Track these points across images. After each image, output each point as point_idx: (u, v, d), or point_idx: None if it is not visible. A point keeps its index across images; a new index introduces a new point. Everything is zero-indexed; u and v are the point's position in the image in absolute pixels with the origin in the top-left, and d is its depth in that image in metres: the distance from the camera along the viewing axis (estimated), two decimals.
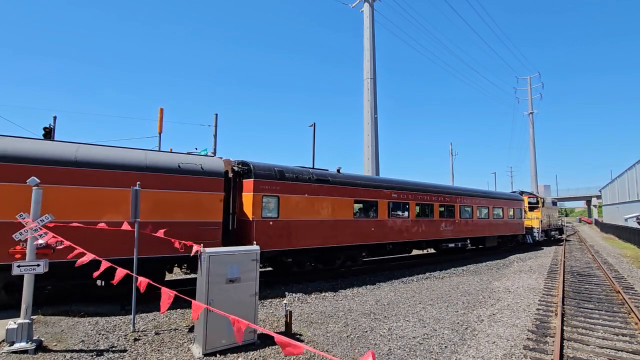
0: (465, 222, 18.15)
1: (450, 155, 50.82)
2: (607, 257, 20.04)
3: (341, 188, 12.34)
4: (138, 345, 5.89)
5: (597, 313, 8.61)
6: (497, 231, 20.90)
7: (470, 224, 18.58)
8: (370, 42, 23.68)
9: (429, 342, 6.42)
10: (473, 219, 18.72)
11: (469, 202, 18.54)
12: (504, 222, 21.77)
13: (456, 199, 17.61)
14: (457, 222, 17.52)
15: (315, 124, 24.81)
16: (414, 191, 15.26)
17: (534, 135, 59.71)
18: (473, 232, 18.80)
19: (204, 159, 9.69)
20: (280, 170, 10.85)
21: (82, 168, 7.86)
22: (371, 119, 22.84)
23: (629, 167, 42.18)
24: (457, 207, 17.60)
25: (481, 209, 19.69)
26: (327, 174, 12.21)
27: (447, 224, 16.87)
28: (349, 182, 12.72)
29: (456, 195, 17.73)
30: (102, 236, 7.50)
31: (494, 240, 21.03)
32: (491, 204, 20.49)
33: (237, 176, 10.82)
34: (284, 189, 10.76)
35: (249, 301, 5.99)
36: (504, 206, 21.95)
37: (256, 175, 10.25)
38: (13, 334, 5.36)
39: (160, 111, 19.91)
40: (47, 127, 14.96)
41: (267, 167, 10.68)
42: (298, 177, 11.16)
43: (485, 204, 19.98)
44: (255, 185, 10.17)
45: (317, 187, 11.61)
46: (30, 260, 5.57)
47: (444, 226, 16.59)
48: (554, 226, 31.46)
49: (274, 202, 10.53)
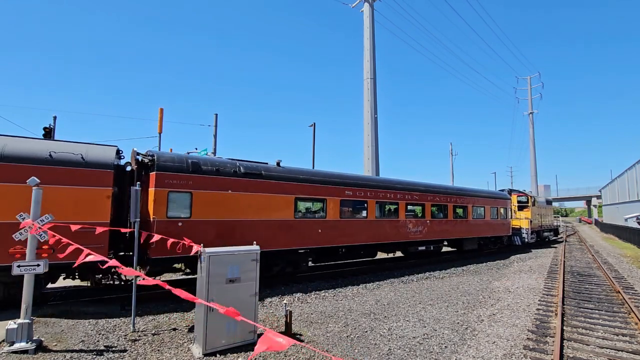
0: (438, 222, 16.41)
1: (450, 155, 50.85)
2: (607, 257, 20.04)
3: (278, 184, 10.80)
4: (138, 345, 5.89)
5: (597, 313, 8.61)
6: (477, 232, 18.96)
7: (445, 225, 16.81)
8: (370, 42, 23.67)
9: (429, 342, 6.42)
10: (448, 219, 16.92)
11: (443, 200, 16.76)
12: (486, 223, 19.71)
13: (427, 197, 15.87)
14: (429, 222, 15.72)
15: (315, 124, 24.82)
16: (373, 188, 13.58)
17: (534, 135, 59.74)
18: (448, 234, 17.06)
19: (87, 147, 8.24)
20: (195, 161, 9.37)
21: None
22: (371, 119, 22.83)
23: (629, 167, 42.19)
24: (428, 206, 15.88)
25: (458, 209, 17.81)
26: (260, 167, 10.64)
27: (416, 225, 15.11)
28: (289, 177, 11.17)
29: (427, 193, 15.96)
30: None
31: (474, 243, 19.03)
32: (470, 203, 18.48)
33: (143, 169, 9.23)
34: (199, 184, 9.26)
35: (249, 301, 5.99)
36: (487, 205, 19.88)
37: (160, 167, 8.78)
38: (13, 334, 5.36)
39: (160, 111, 19.91)
40: (47, 127, 14.99)
41: (178, 158, 9.24)
42: (219, 170, 9.69)
43: (463, 202, 18.03)
44: (159, 179, 8.68)
45: (246, 182, 10.10)
46: (30, 260, 5.57)
47: (411, 227, 14.83)
48: (547, 227, 29.22)
49: (185, 199, 9.06)
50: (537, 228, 25.76)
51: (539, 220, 26.72)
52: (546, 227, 28.75)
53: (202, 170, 9.42)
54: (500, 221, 21.16)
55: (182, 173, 9.09)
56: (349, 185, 12.81)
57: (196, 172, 9.30)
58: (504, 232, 21.55)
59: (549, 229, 29.89)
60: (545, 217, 28.73)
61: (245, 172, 10.17)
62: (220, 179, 9.67)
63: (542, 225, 27.56)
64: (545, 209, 29.54)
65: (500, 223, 21.12)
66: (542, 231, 27.56)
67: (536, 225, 25.72)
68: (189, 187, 9.13)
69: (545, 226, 28.64)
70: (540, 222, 26.85)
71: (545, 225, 28.69)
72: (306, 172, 11.96)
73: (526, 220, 24.01)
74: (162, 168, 8.81)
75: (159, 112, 19.87)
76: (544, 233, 27.93)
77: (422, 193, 15.69)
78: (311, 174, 12.10)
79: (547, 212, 30.29)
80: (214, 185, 9.51)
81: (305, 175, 11.78)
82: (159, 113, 19.86)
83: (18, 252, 6.82)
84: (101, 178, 8.10)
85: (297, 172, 11.61)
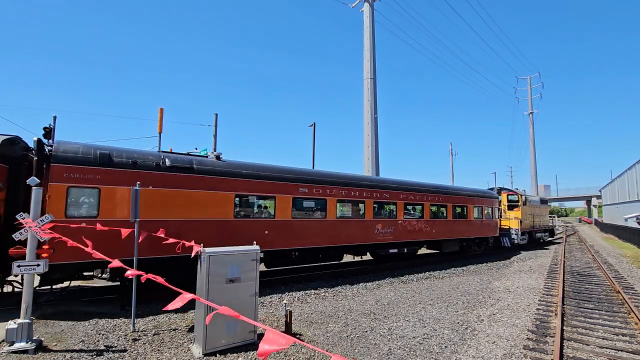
0: (413, 222, 15.05)
1: (450, 155, 50.85)
2: (607, 257, 20.04)
3: (215, 179, 9.60)
4: (138, 345, 5.89)
5: (597, 313, 8.61)
6: (459, 233, 17.59)
7: (421, 225, 15.39)
8: (370, 42, 23.68)
9: (429, 342, 6.42)
10: (425, 218, 15.53)
11: (419, 199, 15.41)
12: (469, 223, 18.25)
13: (399, 195, 14.49)
14: (401, 223, 14.39)
15: (315, 124, 24.83)
16: (334, 185, 12.25)
17: (534, 135, 59.76)
18: (425, 235, 15.55)
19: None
20: (105, 153, 8.19)
21: None
22: (371, 119, 22.84)
23: (629, 167, 42.19)
24: (401, 205, 14.53)
25: (436, 207, 16.45)
26: (192, 160, 9.46)
27: (386, 226, 13.81)
28: (229, 171, 9.97)
29: (399, 190, 14.56)
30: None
31: (455, 244, 17.69)
32: (450, 202, 17.06)
33: (44, 161, 7.92)
34: (109, 179, 8.09)
35: (249, 301, 5.99)
36: (470, 204, 18.37)
37: (59, 158, 7.61)
38: (13, 334, 5.36)
39: (160, 111, 19.92)
40: (47, 127, 14.99)
41: (84, 148, 8.04)
42: (137, 162, 8.51)
43: (442, 201, 16.62)
44: (56, 172, 7.54)
45: (172, 177, 8.93)
46: (30, 260, 5.57)
47: (380, 228, 13.57)
48: (541, 227, 27.36)
49: (91, 195, 7.94)
50: (528, 228, 24.35)
51: (531, 220, 25.20)
52: (540, 227, 27.09)
53: (114, 163, 8.24)
54: (486, 221, 19.61)
55: (88, 166, 7.90)
56: (304, 181, 11.53)
57: (106, 165, 8.13)
58: (490, 233, 19.99)
59: (544, 229, 28.20)
60: (539, 217, 27.13)
61: (171, 166, 8.99)
62: (137, 173, 8.45)
63: (535, 226, 25.98)
64: (540, 208, 27.96)
65: (485, 223, 19.57)
66: (535, 232, 25.99)
67: (528, 225, 24.25)
68: (97, 182, 7.98)
69: (539, 226, 27.01)
70: (532, 222, 25.34)
71: (540, 226, 27.06)
72: (251, 167, 10.67)
73: (516, 220, 22.62)
74: (61, 160, 7.65)
75: (159, 112, 19.88)
76: (536, 234, 26.29)
77: (394, 191, 14.40)
78: (257, 168, 10.78)
79: (542, 211, 28.56)
80: (130, 180, 8.21)
81: (250, 170, 10.51)
82: (159, 113, 19.87)
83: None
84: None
85: (240, 167, 10.36)
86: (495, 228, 20.63)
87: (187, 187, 9.16)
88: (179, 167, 9.13)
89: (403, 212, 14.69)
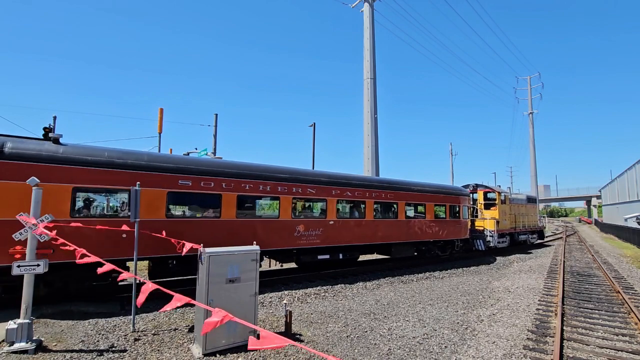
0: (350, 224, 12.74)
1: (450, 156, 50.88)
2: (606, 257, 20.05)
3: (41, 167, 7.48)
4: (138, 345, 5.89)
5: (597, 313, 8.61)
6: (414, 236, 14.98)
7: (362, 227, 13.06)
8: (370, 42, 23.68)
9: (428, 342, 6.42)
10: (366, 219, 13.21)
11: (358, 196, 13.05)
12: (428, 224, 15.70)
13: (330, 191, 12.13)
14: (333, 224, 12.10)
15: (315, 124, 24.84)
16: (231, 177, 9.99)
17: (534, 135, 59.77)
18: (366, 238, 13.15)
19: None
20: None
21: None
22: (371, 119, 22.84)
23: (629, 167, 42.22)
24: (332, 202, 12.20)
25: (383, 206, 14.14)
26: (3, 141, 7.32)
27: (311, 227, 11.51)
28: (65, 157, 7.82)
29: (330, 185, 12.21)
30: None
31: (409, 249, 15.10)
32: (403, 199, 14.62)
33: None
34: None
35: (249, 301, 5.99)
36: (431, 202, 15.91)
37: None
38: (13, 334, 5.36)
39: (160, 111, 19.93)
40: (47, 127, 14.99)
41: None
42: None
43: (392, 198, 14.20)
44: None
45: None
46: (30, 260, 5.57)
47: (302, 230, 11.27)
48: (526, 228, 24.64)
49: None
50: (509, 230, 21.90)
51: (512, 221, 22.67)
52: (525, 228, 24.55)
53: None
54: (452, 221, 17.07)
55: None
56: (191, 172, 9.30)
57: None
58: (457, 235, 17.28)
59: (530, 230, 25.48)
60: (524, 217, 24.62)
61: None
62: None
63: (518, 227, 23.34)
64: (525, 207, 25.25)
65: (451, 224, 17.01)
66: (518, 233, 23.38)
67: (508, 226, 21.80)
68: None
69: (525, 227, 24.44)
70: (514, 223, 22.76)
71: (525, 227, 24.53)
72: (97, 153, 8.25)
73: (492, 220, 20.17)
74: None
75: (158, 112, 19.89)
76: (520, 236, 23.60)
77: (324, 186, 12.06)
78: (105, 154, 8.36)
79: (528, 211, 25.81)
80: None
81: (96, 156, 8.18)
82: (158, 113, 19.88)
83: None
84: None
85: (83, 153, 8.06)
86: (464, 229, 17.92)
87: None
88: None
89: (335, 211, 12.41)
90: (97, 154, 8.23)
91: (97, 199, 8.94)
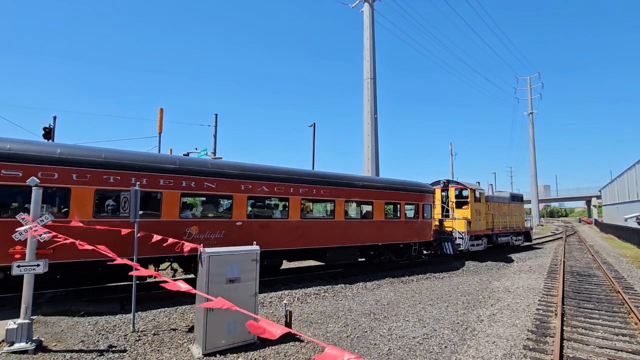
0: (265, 224, 10.59)
1: (450, 156, 50.90)
2: (606, 257, 20.05)
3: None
4: (138, 345, 5.89)
5: (597, 313, 8.61)
6: (356, 238, 12.69)
7: (283, 228, 10.88)
8: (370, 42, 23.69)
9: (428, 342, 6.42)
10: (289, 219, 11.00)
11: (278, 191, 10.80)
12: (377, 225, 13.32)
13: (237, 186, 9.99)
14: (241, 225, 9.94)
15: (315, 124, 24.85)
16: (88, 167, 7.96)
17: (534, 135, 59.79)
18: (289, 242, 10.87)
19: None
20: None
21: None
22: (371, 119, 22.85)
23: (629, 167, 42.23)
24: (240, 200, 10.01)
25: (313, 204, 12.11)
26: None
27: (208, 230, 9.40)
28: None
29: (239, 179, 10.06)
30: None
31: (351, 254, 12.80)
32: (342, 196, 12.21)
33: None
34: None
35: (249, 301, 5.99)
36: (379, 199, 13.43)
37: None
38: (13, 334, 5.35)
39: (160, 111, 19.93)
40: (47, 127, 14.97)
41: None
42: None
43: (325, 195, 11.84)
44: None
45: None
46: (30, 260, 5.57)
47: (194, 232, 9.14)
48: (509, 229, 21.88)
49: None
50: (484, 231, 19.14)
51: (490, 221, 20.07)
52: (507, 230, 21.79)
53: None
54: (410, 222, 14.71)
55: None
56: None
57: None
58: (414, 238, 14.82)
59: (514, 232, 22.67)
60: (506, 217, 22.14)
61: None
62: None
63: (498, 228, 20.70)
64: (509, 206, 22.78)
65: (409, 225, 14.66)
66: (498, 235, 20.60)
67: (482, 227, 19.04)
68: None
69: (507, 228, 21.73)
70: (491, 224, 20.13)
71: (507, 228, 21.78)
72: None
73: (462, 221, 17.48)
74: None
75: (158, 112, 19.89)
76: (499, 238, 20.77)
77: (230, 179, 9.90)
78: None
79: (512, 210, 23.32)
80: None
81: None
82: (158, 113, 19.89)
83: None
84: None
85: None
86: (425, 231, 15.46)
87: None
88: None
89: (246, 209, 10.21)
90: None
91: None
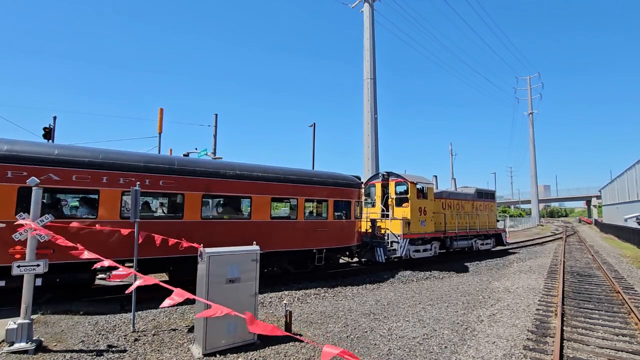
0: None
1: (450, 156, 50.90)
2: (606, 257, 20.04)
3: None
4: (138, 345, 5.89)
5: (597, 313, 8.61)
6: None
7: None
8: (370, 43, 23.69)
9: (428, 342, 6.42)
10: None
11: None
12: (261, 227, 10.39)
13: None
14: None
15: (315, 124, 24.85)
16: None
17: (534, 135, 59.80)
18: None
19: None
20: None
21: None
22: (371, 119, 22.86)
23: (629, 167, 42.23)
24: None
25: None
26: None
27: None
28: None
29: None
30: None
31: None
32: (199, 189, 9.33)
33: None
34: None
35: (249, 301, 5.99)
36: (265, 194, 10.53)
37: None
38: (13, 334, 5.35)
39: (160, 111, 19.93)
40: (47, 127, 14.97)
41: None
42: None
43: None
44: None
45: None
46: (30, 260, 5.57)
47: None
48: (471, 232, 18.43)
49: None
50: (433, 233, 15.74)
51: (442, 222, 16.73)
52: (469, 232, 18.36)
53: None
54: (314, 224, 11.82)
55: None
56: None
57: None
58: (326, 243, 12.00)
59: (480, 234, 19.21)
60: (469, 217, 18.74)
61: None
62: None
63: (452, 230, 17.21)
64: (473, 204, 19.28)
65: (312, 227, 11.70)
66: (453, 239, 17.24)
67: (431, 229, 15.58)
68: None
69: (467, 231, 18.31)
70: (443, 225, 16.71)
71: (468, 229, 18.38)
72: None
73: (398, 221, 14.39)
74: None
75: (158, 112, 19.89)
76: (457, 242, 17.49)
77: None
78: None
79: (479, 209, 19.78)
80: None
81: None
82: (158, 113, 19.89)
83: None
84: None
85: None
86: (343, 233, 12.61)
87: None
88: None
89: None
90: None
91: None
